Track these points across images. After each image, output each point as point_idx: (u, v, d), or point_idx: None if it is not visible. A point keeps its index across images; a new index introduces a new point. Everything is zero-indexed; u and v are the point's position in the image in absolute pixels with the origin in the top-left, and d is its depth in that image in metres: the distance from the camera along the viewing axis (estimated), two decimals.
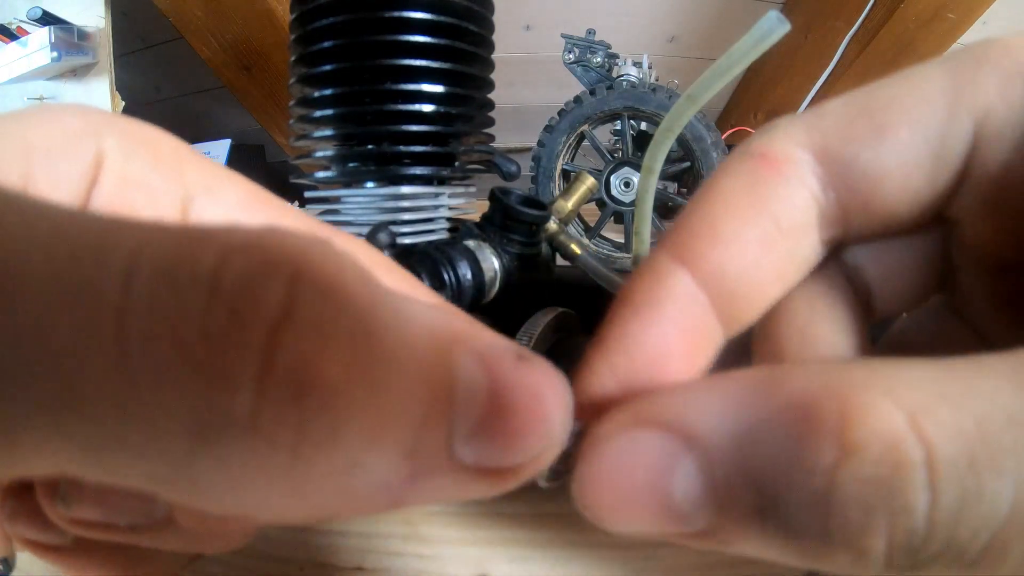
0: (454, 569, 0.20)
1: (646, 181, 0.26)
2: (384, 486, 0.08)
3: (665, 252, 0.11)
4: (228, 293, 0.07)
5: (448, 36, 0.24)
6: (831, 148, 0.11)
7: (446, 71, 0.25)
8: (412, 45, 0.24)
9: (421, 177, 0.26)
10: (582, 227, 0.59)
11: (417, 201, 0.26)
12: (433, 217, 0.27)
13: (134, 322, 0.06)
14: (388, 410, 0.07)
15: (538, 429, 0.08)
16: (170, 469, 0.07)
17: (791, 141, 0.11)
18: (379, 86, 0.24)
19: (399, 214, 0.26)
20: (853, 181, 0.11)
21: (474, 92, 0.27)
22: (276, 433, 0.07)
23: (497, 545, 0.21)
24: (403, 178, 0.26)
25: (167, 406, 0.07)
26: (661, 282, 0.11)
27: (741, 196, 0.11)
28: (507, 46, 1.09)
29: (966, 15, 0.88)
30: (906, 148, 0.11)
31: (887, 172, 0.11)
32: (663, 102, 0.51)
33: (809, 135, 0.11)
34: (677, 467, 0.09)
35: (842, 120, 0.11)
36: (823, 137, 0.11)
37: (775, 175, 0.11)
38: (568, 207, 0.32)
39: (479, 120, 0.28)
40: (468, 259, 0.24)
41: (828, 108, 0.11)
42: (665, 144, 0.24)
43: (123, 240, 0.07)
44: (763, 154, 0.11)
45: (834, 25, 0.96)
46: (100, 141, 0.11)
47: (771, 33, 0.17)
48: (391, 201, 0.26)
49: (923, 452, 0.07)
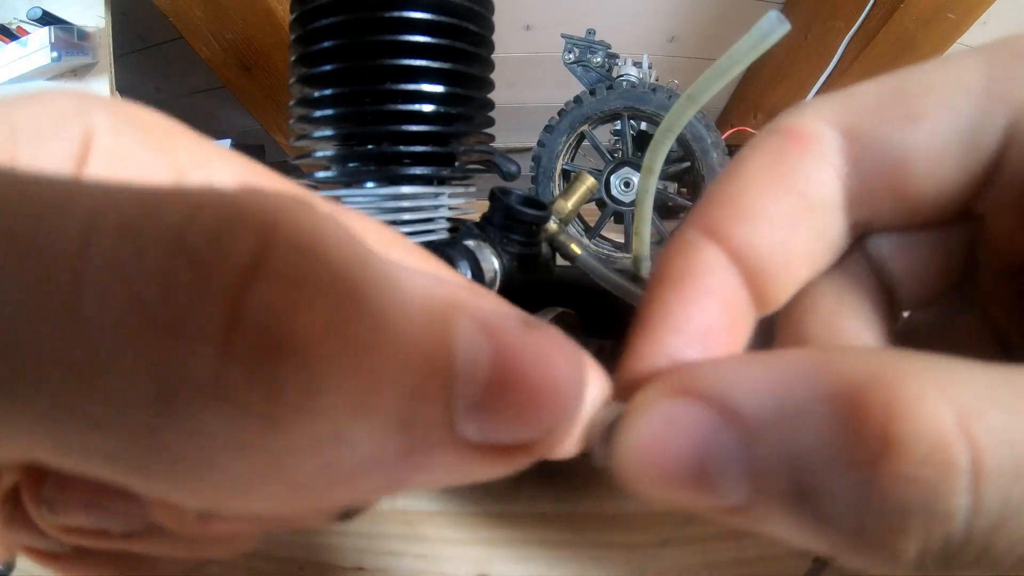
0: (454, 569, 0.20)
1: (646, 181, 0.26)
2: (377, 463, 0.07)
3: (695, 228, 0.11)
4: (193, 246, 0.06)
5: (448, 36, 0.24)
6: (861, 128, 0.11)
7: (446, 71, 0.25)
8: (412, 45, 0.24)
9: (421, 177, 0.27)
10: (582, 227, 0.59)
11: (417, 201, 0.26)
12: (433, 217, 0.27)
13: (91, 280, 0.06)
14: (377, 376, 0.07)
15: (550, 401, 0.07)
16: (134, 446, 0.06)
17: (820, 119, 0.11)
18: (379, 86, 0.24)
19: (399, 214, 0.26)
20: (881, 163, 0.11)
21: (474, 92, 0.27)
22: (246, 398, 0.06)
23: (497, 545, 0.21)
24: (403, 178, 0.26)
25: (125, 370, 0.06)
26: (697, 256, 0.11)
27: (767, 171, 0.11)
28: (507, 46, 1.09)
29: (966, 15, 0.88)
30: (937, 135, 0.10)
31: (917, 157, 0.11)
32: (663, 102, 0.51)
33: (839, 114, 0.11)
34: (717, 439, 0.08)
35: (874, 101, 0.11)
36: (853, 116, 0.11)
37: (801, 151, 0.11)
38: (568, 207, 0.32)
39: (479, 120, 0.28)
40: (468, 259, 0.24)
41: (860, 89, 0.11)
42: (665, 144, 0.24)
43: (86, 199, 0.06)
44: (790, 130, 0.11)
45: (834, 25, 0.96)
46: (89, 120, 0.11)
47: (771, 33, 0.17)
48: (391, 201, 0.26)
49: (970, 456, 0.07)
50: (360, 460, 0.07)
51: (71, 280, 0.06)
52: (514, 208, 0.26)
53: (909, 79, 0.11)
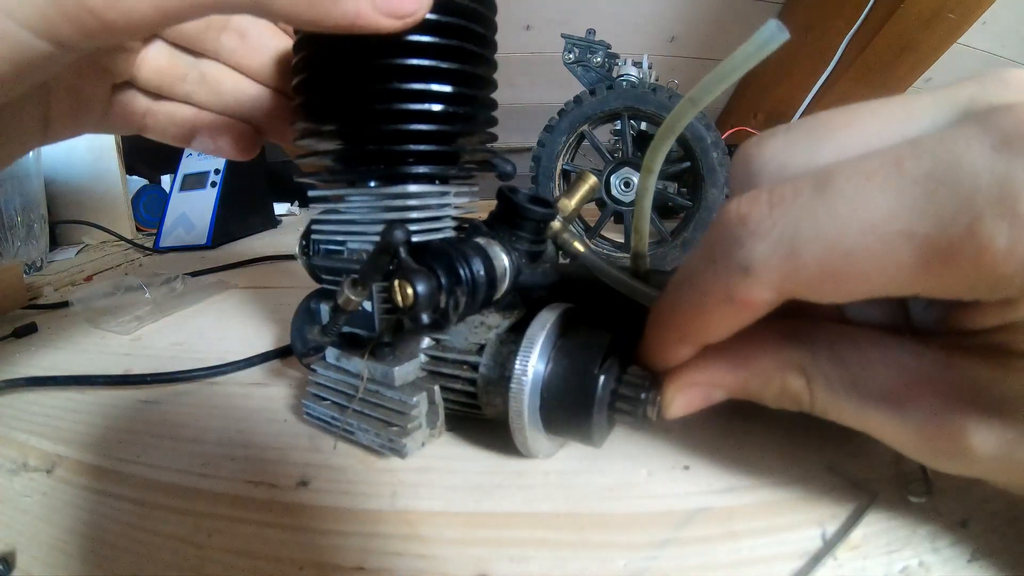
0: (454, 569, 0.20)
1: (646, 180, 0.26)
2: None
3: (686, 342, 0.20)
4: None
5: (456, 37, 0.24)
6: (798, 293, 0.16)
7: (454, 71, 0.25)
8: (420, 45, 0.24)
9: (426, 176, 0.26)
10: (582, 227, 0.59)
11: (424, 200, 0.26)
12: (440, 215, 0.27)
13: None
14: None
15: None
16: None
17: (768, 290, 0.16)
18: (386, 85, 0.24)
19: (406, 212, 0.26)
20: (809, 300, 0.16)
21: (479, 92, 0.27)
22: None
23: (497, 545, 0.21)
24: (409, 177, 0.26)
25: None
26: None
27: (727, 323, 0.18)
28: (507, 46, 1.09)
29: (966, 15, 0.88)
30: (854, 299, 0.15)
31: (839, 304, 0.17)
32: (663, 102, 0.51)
33: (781, 286, 0.15)
34: (710, 394, 0.20)
35: (813, 279, 0.15)
36: (792, 288, 0.15)
37: (750, 314, 0.17)
38: (571, 206, 0.32)
39: (483, 119, 0.28)
40: (480, 256, 0.25)
41: (804, 263, 0.15)
42: (665, 145, 0.24)
43: None
44: (744, 301, 0.16)
45: (834, 25, 0.96)
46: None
47: (771, 41, 0.18)
48: (398, 200, 0.26)
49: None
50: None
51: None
52: (522, 206, 0.27)
53: (850, 264, 0.14)
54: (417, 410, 0.25)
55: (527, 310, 0.28)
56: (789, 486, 0.23)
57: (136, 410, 0.33)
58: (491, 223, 0.28)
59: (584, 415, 0.22)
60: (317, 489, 0.25)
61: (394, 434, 0.25)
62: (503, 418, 0.23)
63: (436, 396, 0.26)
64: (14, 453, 0.29)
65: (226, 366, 0.37)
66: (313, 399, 0.28)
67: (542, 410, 0.23)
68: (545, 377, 0.23)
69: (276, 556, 0.21)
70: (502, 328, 0.26)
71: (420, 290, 0.21)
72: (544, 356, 0.23)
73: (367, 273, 0.22)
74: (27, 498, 0.26)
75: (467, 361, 0.26)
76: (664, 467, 0.25)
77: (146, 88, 0.29)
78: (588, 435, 0.23)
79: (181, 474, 0.26)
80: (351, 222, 0.27)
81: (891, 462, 0.24)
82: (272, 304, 0.52)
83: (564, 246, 0.31)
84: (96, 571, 0.21)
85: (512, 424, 0.23)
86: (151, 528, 0.23)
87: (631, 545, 0.21)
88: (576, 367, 0.23)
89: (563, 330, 0.24)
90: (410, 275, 0.21)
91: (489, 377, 0.25)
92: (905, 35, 0.91)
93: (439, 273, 0.23)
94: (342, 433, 0.27)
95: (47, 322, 0.51)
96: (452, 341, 0.26)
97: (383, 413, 0.26)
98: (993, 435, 0.15)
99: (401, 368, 0.26)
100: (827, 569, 0.19)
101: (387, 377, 0.26)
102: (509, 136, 1.23)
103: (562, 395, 0.23)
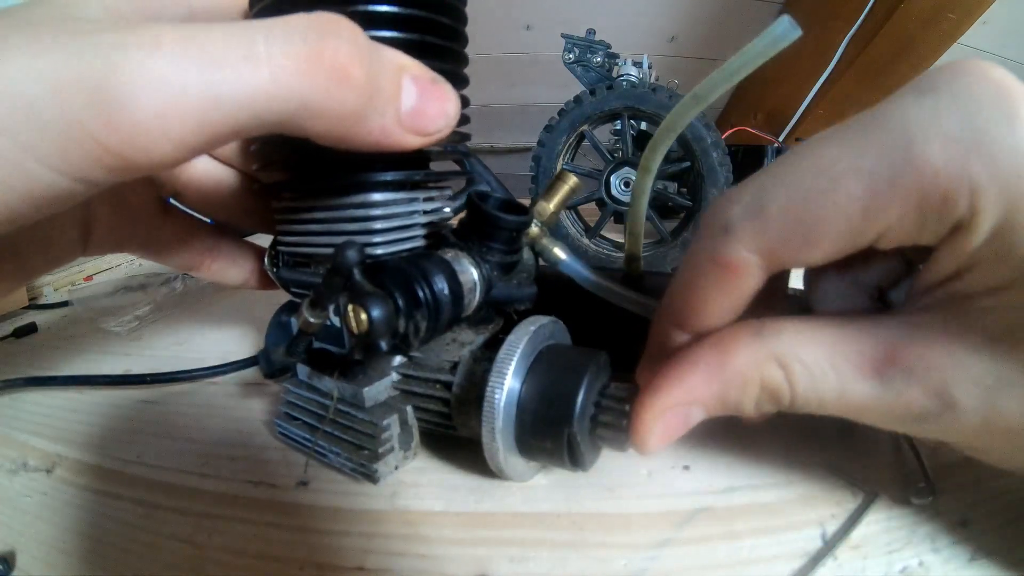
0: (454, 569, 0.20)
1: (642, 180, 0.26)
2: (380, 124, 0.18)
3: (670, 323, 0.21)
4: None
5: (419, 31, 0.22)
6: (774, 253, 0.17)
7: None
8: (380, 40, 0.21)
9: (393, 183, 0.24)
10: (582, 227, 0.59)
11: (390, 208, 0.24)
12: (408, 224, 0.25)
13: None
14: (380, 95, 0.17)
15: (441, 114, 0.19)
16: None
17: (745, 248, 0.17)
18: None
19: (371, 223, 0.24)
20: (790, 265, 0.18)
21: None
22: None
23: (497, 545, 0.21)
24: (373, 185, 0.24)
25: None
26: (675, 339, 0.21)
27: (715, 290, 0.19)
28: (507, 46, 1.10)
29: (966, 15, 0.88)
30: (826, 253, 0.17)
31: (814, 262, 0.17)
32: (663, 102, 0.51)
33: (758, 242, 0.17)
34: (688, 416, 0.20)
35: (782, 230, 0.17)
36: (768, 244, 0.17)
37: (734, 276, 0.18)
38: (550, 209, 0.30)
39: None
40: (444, 271, 0.22)
41: (771, 214, 0.17)
42: (665, 143, 0.24)
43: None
44: (727, 263, 0.18)
45: (834, 25, 0.96)
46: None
47: (783, 38, 0.17)
48: (361, 210, 0.24)
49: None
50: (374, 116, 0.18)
51: None
52: (493, 215, 0.24)
53: (808, 209, 0.16)
54: (388, 433, 0.24)
55: (503, 323, 0.27)
56: (789, 486, 0.23)
57: (136, 410, 0.33)
58: (461, 233, 0.26)
59: (561, 436, 0.21)
60: (317, 489, 0.25)
61: (365, 458, 0.24)
62: (479, 439, 0.22)
63: (409, 417, 0.25)
64: (14, 453, 0.29)
65: (226, 366, 0.37)
66: (285, 418, 0.27)
67: (518, 431, 0.22)
68: (521, 396, 0.22)
69: (276, 556, 0.21)
70: (476, 345, 0.25)
71: (375, 315, 0.19)
72: (519, 374, 0.22)
73: (321, 296, 0.20)
74: (27, 498, 0.26)
75: (439, 380, 0.24)
76: (664, 467, 0.25)
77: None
78: (570, 457, 0.21)
79: (181, 474, 0.26)
80: (315, 234, 0.25)
81: (891, 463, 0.24)
82: (272, 304, 0.52)
83: (543, 253, 0.29)
84: (96, 571, 0.21)
85: (485, 447, 0.22)
86: (151, 528, 0.23)
87: (631, 545, 0.21)
88: (554, 384, 0.21)
89: (541, 345, 0.23)
90: (363, 299, 0.19)
91: (462, 397, 0.23)
92: (905, 35, 0.90)
93: (396, 295, 0.21)
94: (314, 454, 0.26)
95: (47, 322, 0.51)
96: (424, 359, 0.25)
97: (354, 436, 0.25)
98: (972, 383, 0.16)
99: (371, 388, 0.24)
100: (827, 569, 0.19)
101: (357, 398, 0.24)
102: (509, 136, 1.23)
103: (537, 416, 0.21)
